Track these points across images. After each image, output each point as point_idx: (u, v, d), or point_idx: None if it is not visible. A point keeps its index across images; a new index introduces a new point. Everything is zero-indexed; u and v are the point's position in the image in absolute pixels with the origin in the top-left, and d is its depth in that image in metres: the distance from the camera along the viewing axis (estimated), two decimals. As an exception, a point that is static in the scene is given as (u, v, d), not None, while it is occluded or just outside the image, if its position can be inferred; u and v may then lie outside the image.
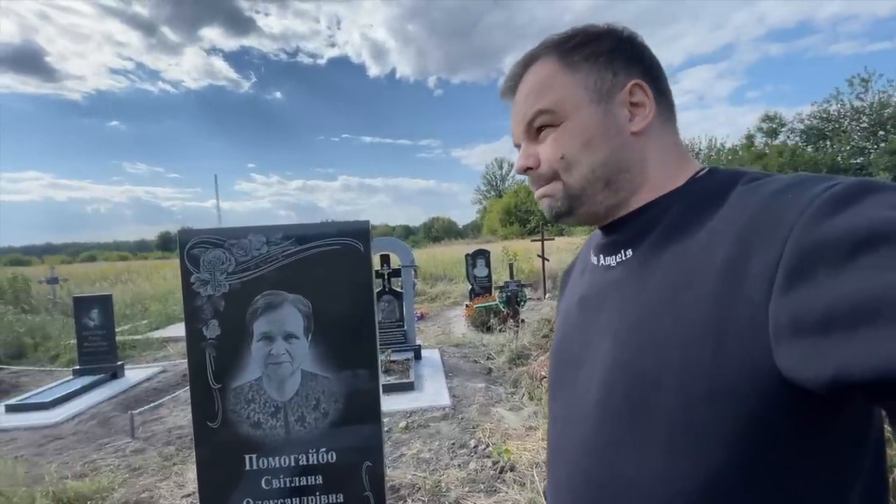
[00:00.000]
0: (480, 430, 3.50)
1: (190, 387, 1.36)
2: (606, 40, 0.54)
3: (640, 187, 0.54)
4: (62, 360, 6.79)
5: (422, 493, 2.66)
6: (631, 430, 0.45)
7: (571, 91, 0.53)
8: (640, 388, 0.44)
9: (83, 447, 3.77)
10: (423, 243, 45.00)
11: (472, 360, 5.55)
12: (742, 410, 0.38)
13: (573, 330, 0.59)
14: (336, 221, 1.37)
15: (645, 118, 0.52)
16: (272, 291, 1.36)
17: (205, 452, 1.37)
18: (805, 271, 0.34)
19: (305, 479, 1.38)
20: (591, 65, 0.53)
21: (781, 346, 0.35)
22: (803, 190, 0.38)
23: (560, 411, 0.58)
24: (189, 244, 1.32)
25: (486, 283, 9.23)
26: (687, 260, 0.44)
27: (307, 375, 1.38)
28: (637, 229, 0.52)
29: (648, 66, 0.54)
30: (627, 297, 0.49)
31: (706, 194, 0.48)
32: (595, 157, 0.53)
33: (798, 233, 0.35)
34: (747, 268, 0.38)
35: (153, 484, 3.04)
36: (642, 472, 0.44)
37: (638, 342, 0.46)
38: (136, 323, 8.92)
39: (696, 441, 0.40)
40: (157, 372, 5.95)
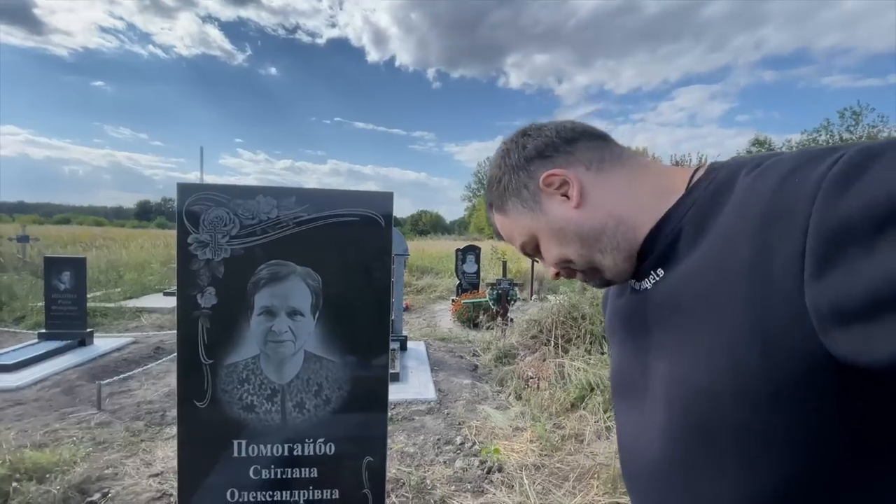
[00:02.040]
0: (466, 428, 3.41)
1: (177, 359, 1.21)
2: (502, 170, 0.61)
3: (632, 229, 0.55)
4: (28, 322, 6.47)
5: (406, 489, 2.55)
6: (701, 448, 0.44)
7: (520, 223, 0.62)
8: (701, 403, 0.43)
9: (45, 415, 3.55)
10: (410, 235, 44.68)
11: (458, 356, 5.46)
12: (807, 407, 0.36)
13: (627, 357, 0.59)
14: (357, 190, 1.23)
15: (574, 190, 0.56)
16: (279, 261, 1.21)
17: (188, 433, 1.22)
18: (834, 256, 0.33)
19: (299, 472, 1.25)
20: (512, 196, 0.61)
21: (830, 335, 0.34)
22: (808, 170, 0.37)
23: (627, 440, 0.57)
24: (189, 199, 1.17)
25: (474, 280, 9.15)
26: (709, 266, 0.44)
27: (311, 357, 1.24)
28: (660, 249, 0.52)
29: (542, 149, 0.58)
30: (668, 315, 0.50)
31: (711, 195, 0.47)
32: (573, 247, 0.59)
33: (817, 218, 0.34)
34: (772, 263, 0.37)
35: (118, 460, 2.85)
36: (721, 490, 0.42)
37: (688, 358, 0.45)
38: (109, 290, 8.57)
39: (768, 448, 0.39)
40: (129, 342, 5.70)
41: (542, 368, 4.34)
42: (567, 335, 4.87)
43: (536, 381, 4.16)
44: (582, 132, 0.59)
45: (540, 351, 4.81)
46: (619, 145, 0.59)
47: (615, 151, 0.58)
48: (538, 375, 4.25)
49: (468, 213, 66.38)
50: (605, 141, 0.59)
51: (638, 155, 0.58)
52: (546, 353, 4.64)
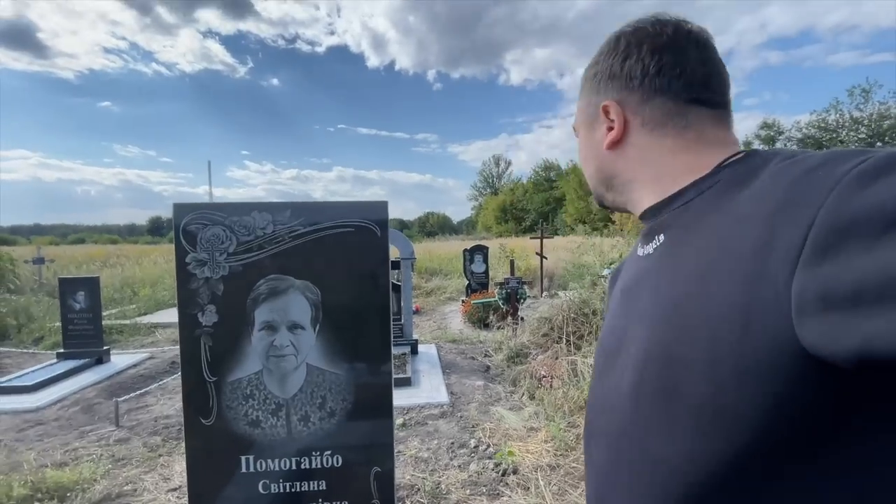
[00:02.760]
0: (480, 430, 3.39)
1: (182, 378, 1.22)
2: (601, 58, 0.60)
3: (641, 187, 0.58)
4: (46, 342, 6.59)
5: (421, 495, 2.55)
6: (661, 411, 0.45)
7: (578, 114, 0.65)
8: (672, 370, 0.44)
9: (65, 434, 3.61)
10: (418, 238, 44.79)
11: (470, 357, 5.44)
12: (769, 389, 0.37)
13: (614, 319, 0.60)
14: (351, 201, 1.23)
15: (612, 135, 0.58)
16: (277, 276, 1.22)
17: (196, 451, 1.23)
18: (834, 247, 0.34)
19: (307, 485, 1.25)
20: (588, 89, 0.62)
21: (806, 321, 0.34)
22: (834, 166, 0.38)
23: (598, 398, 0.59)
24: (185, 219, 1.18)
25: (483, 279, 9.12)
26: (717, 242, 0.44)
27: (313, 370, 1.24)
28: (668, 215, 0.53)
29: (630, 76, 0.56)
30: (660, 282, 0.50)
31: (739, 176, 0.47)
32: (588, 171, 0.65)
33: (827, 209, 0.35)
34: (774, 245, 0.38)
35: (137, 476, 2.89)
36: (671, 453, 0.44)
37: (669, 325, 0.46)
38: (124, 307, 8.70)
39: (725, 421, 0.40)
40: (145, 358, 5.78)
41: (555, 367, 4.31)
42: (579, 332, 4.82)
43: (549, 380, 4.13)
44: (678, 89, 0.54)
45: (552, 349, 4.77)
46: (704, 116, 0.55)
47: (685, 121, 0.54)
48: (551, 374, 4.21)
49: (475, 213, 66.27)
50: (689, 106, 0.54)
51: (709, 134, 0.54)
52: (558, 351, 4.60)
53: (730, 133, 0.56)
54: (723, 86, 0.56)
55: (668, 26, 0.55)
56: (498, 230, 46.19)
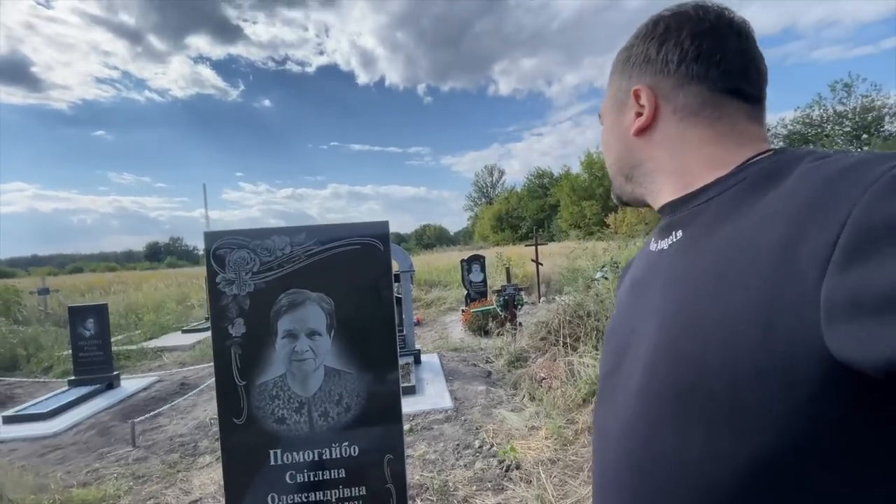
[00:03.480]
0: (484, 431, 3.54)
1: (216, 384, 1.40)
2: (637, 42, 0.58)
3: (664, 178, 0.57)
4: (55, 371, 6.70)
5: (430, 493, 2.70)
6: (673, 411, 0.44)
7: (608, 98, 0.63)
8: (684, 370, 0.43)
9: (84, 457, 3.74)
10: (416, 250, 45.02)
11: (472, 364, 5.59)
12: (790, 392, 0.36)
13: (623, 314, 0.59)
14: (356, 222, 1.42)
15: (641, 122, 0.56)
16: (295, 290, 1.40)
17: (230, 448, 1.40)
18: (867, 250, 0.33)
19: (328, 473, 1.43)
20: (619, 72, 0.61)
21: (834, 327, 0.33)
22: (868, 167, 0.37)
23: (604, 396, 0.58)
24: (215, 245, 1.37)
25: (481, 288, 9.29)
26: (738, 240, 0.43)
27: (330, 371, 1.42)
28: (689, 211, 0.52)
29: (666, 61, 0.54)
30: (676, 279, 0.49)
31: (766, 175, 0.46)
32: (609, 158, 0.64)
33: (860, 211, 0.34)
34: (802, 246, 0.37)
35: (159, 491, 3.03)
36: (683, 453, 0.43)
37: (684, 323, 0.45)
38: (129, 333, 8.83)
39: (742, 421, 0.39)
40: (154, 382, 5.90)
41: (553, 368, 4.47)
42: (575, 334, 5.00)
43: (549, 381, 4.29)
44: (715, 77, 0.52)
45: (550, 352, 4.94)
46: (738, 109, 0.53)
47: (719, 112, 0.53)
48: (550, 375, 4.38)
49: (471, 223, 66.69)
50: (725, 97, 0.53)
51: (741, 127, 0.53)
52: (556, 353, 4.77)
53: (762, 129, 0.54)
54: (760, 80, 0.54)
55: (710, 13, 0.54)
56: (495, 239, 46.53)
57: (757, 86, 0.54)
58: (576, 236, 17.69)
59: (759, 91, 0.54)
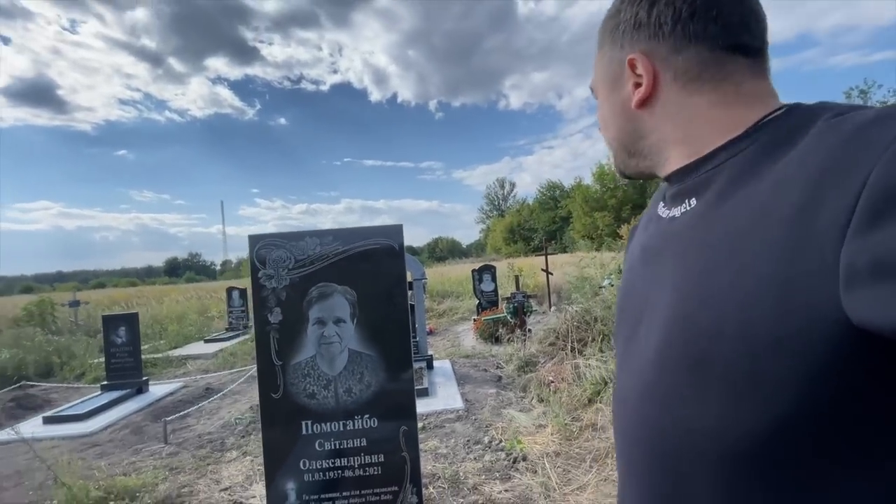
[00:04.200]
0: (493, 429, 3.73)
1: (257, 364, 1.65)
2: (621, 6, 0.55)
3: (670, 148, 0.54)
4: (87, 377, 7.06)
5: (442, 481, 2.89)
6: (691, 378, 0.44)
7: (598, 73, 0.60)
8: (701, 339, 0.43)
9: (121, 452, 4.02)
10: (428, 263, 45.34)
11: (483, 370, 5.78)
12: (807, 359, 0.36)
13: (635, 282, 0.58)
14: (375, 226, 1.68)
15: (641, 92, 0.53)
16: (324, 283, 1.66)
17: (269, 419, 1.65)
18: (886, 214, 0.32)
19: (352, 442, 1.66)
20: (609, 42, 0.57)
21: (855, 292, 0.33)
22: (886, 127, 0.35)
23: (623, 363, 0.58)
24: (258, 246, 1.64)
25: (492, 298, 9.48)
26: (754, 206, 0.42)
27: (353, 353, 1.66)
28: (703, 177, 0.50)
29: (659, 24, 0.51)
30: (689, 248, 0.48)
31: (781, 135, 0.44)
32: (610, 133, 0.60)
33: (878, 174, 0.33)
34: (820, 210, 0.36)
35: (192, 480, 3.28)
36: (703, 418, 0.43)
37: (699, 293, 0.44)
38: (155, 343, 9.21)
39: (760, 387, 0.38)
40: (180, 387, 6.21)
41: (560, 371, 4.64)
42: (582, 338, 5.16)
43: (556, 383, 4.46)
44: (714, 34, 0.49)
45: (558, 356, 5.11)
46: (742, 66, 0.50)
47: (722, 72, 0.50)
48: (557, 378, 4.55)
49: (484, 235, 67.03)
50: (726, 55, 0.49)
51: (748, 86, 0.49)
52: (564, 358, 4.94)
53: (768, 84, 0.51)
54: (762, 28, 0.50)
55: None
56: (507, 251, 46.68)
57: (759, 37, 0.50)
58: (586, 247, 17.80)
59: (761, 42, 0.50)
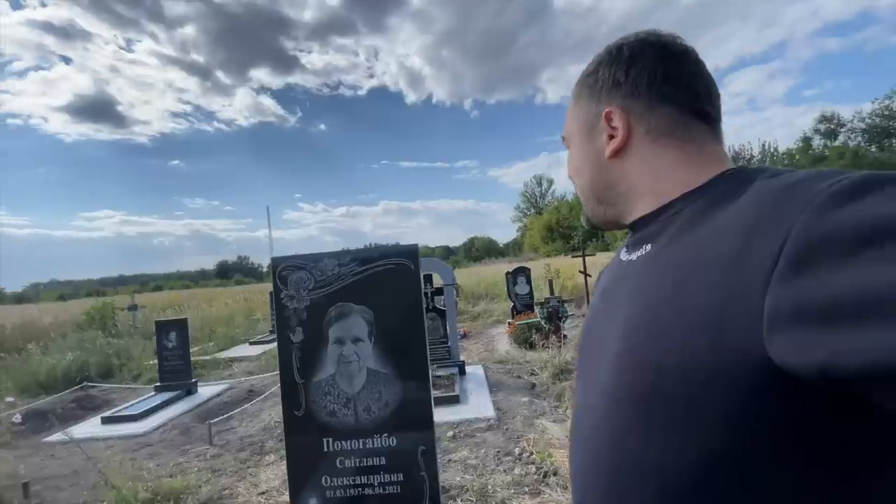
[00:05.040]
0: (525, 440, 3.66)
1: (280, 381, 1.69)
2: (601, 67, 0.60)
3: (636, 198, 0.59)
4: (143, 378, 7.55)
5: (470, 494, 2.87)
6: (636, 414, 0.47)
7: (572, 123, 0.65)
8: (645, 374, 0.46)
9: (170, 452, 4.27)
10: (464, 263, 45.28)
11: (516, 376, 5.70)
12: (735, 397, 0.38)
13: (592, 320, 0.62)
14: (391, 246, 1.68)
15: (615, 143, 0.58)
16: (343, 304, 1.68)
17: (292, 436, 1.69)
18: (807, 262, 0.35)
19: (372, 460, 1.67)
20: (586, 97, 0.62)
21: (775, 334, 0.35)
22: (812, 183, 0.39)
23: (578, 399, 0.61)
24: (280, 267, 1.68)
25: (527, 301, 9.34)
26: (696, 251, 0.46)
27: (371, 372, 1.68)
28: (657, 226, 0.55)
29: (636, 84, 0.57)
30: (639, 286, 0.52)
31: (726, 191, 0.49)
32: (582, 181, 0.65)
33: (801, 225, 0.36)
34: (749, 257, 0.39)
35: (232, 483, 3.43)
36: (646, 454, 0.45)
37: (644, 330, 0.48)
38: (204, 345, 9.72)
39: (696, 424, 0.41)
40: (226, 389, 6.51)
41: (596, 380, 4.50)
42: (619, 346, 4.99)
43: (591, 392, 4.33)
44: (683, 99, 0.56)
45: (594, 363, 4.96)
46: (704, 130, 0.56)
47: (688, 133, 0.56)
48: (592, 387, 4.41)
49: (521, 234, 66.17)
50: (694, 121, 0.56)
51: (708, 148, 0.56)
52: (599, 365, 4.79)
53: (723, 149, 0.57)
54: (717, 101, 0.58)
55: (666, 39, 0.57)
56: (546, 250, 45.80)
57: (716, 107, 0.58)
58: (626, 245, 17.14)
59: (717, 112, 0.58)
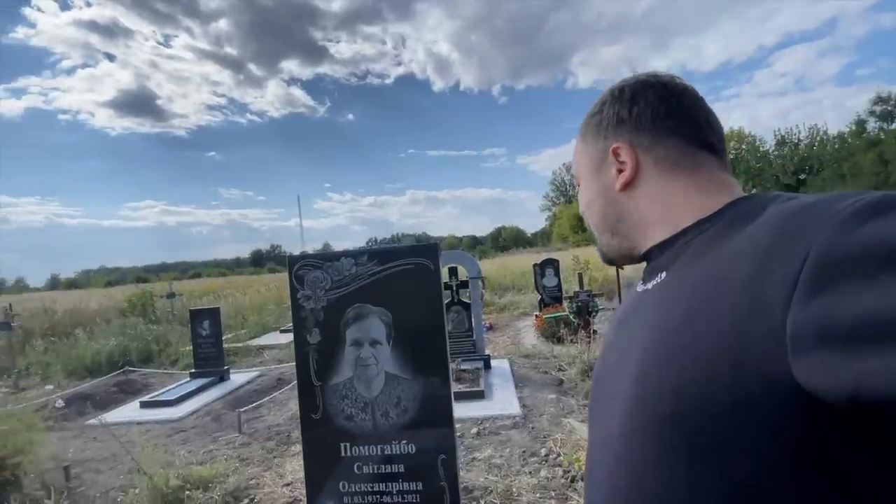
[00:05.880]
0: (551, 440, 3.55)
1: (297, 384, 1.65)
2: (605, 106, 0.63)
3: (649, 229, 0.59)
4: (180, 364, 7.84)
5: (494, 496, 2.80)
6: (655, 445, 0.45)
7: (580, 162, 0.68)
8: (665, 403, 0.44)
9: (201, 439, 4.39)
10: (491, 253, 44.93)
11: (543, 371, 5.57)
12: (763, 424, 0.37)
13: (607, 352, 0.61)
14: (410, 245, 1.60)
15: (625, 177, 0.60)
16: (360, 305, 1.61)
17: (309, 440, 1.64)
18: (829, 282, 0.34)
19: (390, 467, 1.61)
20: (592, 135, 0.65)
21: (801, 357, 0.34)
22: (830, 204, 0.39)
23: (593, 432, 0.59)
24: (296, 267, 1.63)
25: (555, 293, 9.13)
26: (712, 275, 0.45)
27: (390, 377, 1.61)
28: (671, 254, 0.55)
29: (640, 120, 0.59)
30: (655, 313, 0.51)
31: (741, 216, 0.49)
32: (594, 216, 0.66)
33: (821, 244, 0.36)
34: (768, 279, 0.38)
35: (258, 473, 3.48)
36: (668, 488, 0.43)
37: (661, 357, 0.46)
38: (237, 332, 10.02)
39: (721, 454, 0.40)
40: (256, 376, 6.67)
41: (627, 379, 4.33)
42: (652, 343, 4.78)
43: (622, 391, 4.17)
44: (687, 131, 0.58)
45: (625, 361, 4.78)
46: (711, 160, 0.58)
47: (696, 162, 0.57)
48: (623, 386, 4.25)
49: (549, 223, 65.08)
50: (700, 150, 0.58)
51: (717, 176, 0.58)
52: (631, 363, 4.61)
53: (731, 176, 0.58)
54: (721, 132, 0.60)
55: (665, 79, 0.60)
56: (575, 239, 44.78)
57: (719, 138, 0.59)
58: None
59: (721, 143, 0.59)
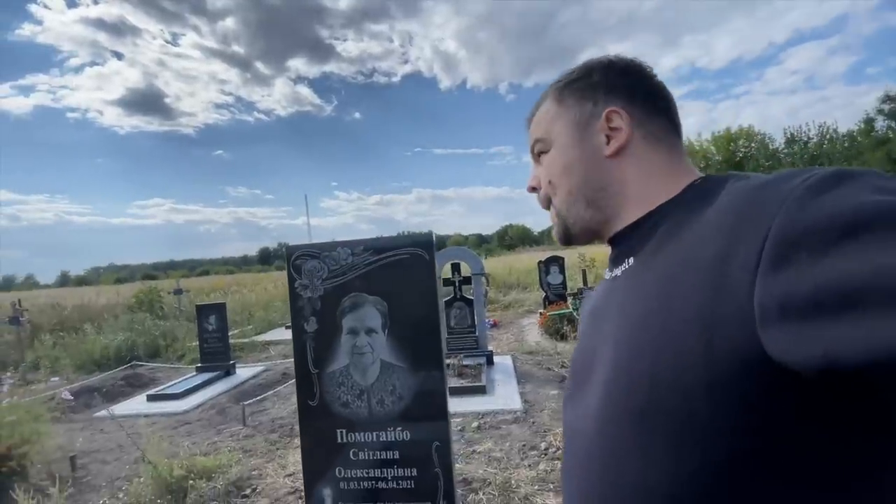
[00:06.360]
0: (551, 435, 3.57)
1: (295, 371, 1.68)
2: (595, 73, 0.61)
3: (626, 203, 0.58)
4: (186, 359, 7.94)
5: (492, 488, 2.82)
6: (633, 432, 0.45)
7: (558, 122, 0.62)
8: (640, 388, 0.44)
9: (206, 431, 4.45)
10: (497, 251, 44.86)
11: (546, 368, 5.57)
12: (739, 400, 0.38)
13: (582, 342, 0.61)
14: (405, 235, 1.62)
15: (619, 142, 0.58)
16: (356, 294, 1.64)
17: (307, 426, 1.67)
18: (789, 256, 0.35)
19: (386, 454, 1.63)
20: (577, 98, 0.61)
21: (769, 331, 0.35)
22: (783, 181, 0.40)
23: (569, 423, 0.59)
24: (294, 256, 1.65)
25: (560, 291, 9.11)
26: (679, 258, 0.46)
27: (385, 364, 1.63)
28: (637, 239, 0.55)
29: (633, 92, 0.59)
30: (626, 301, 0.52)
31: (700, 197, 0.50)
32: (572, 180, 0.61)
33: (780, 220, 0.37)
34: (733, 257, 0.39)
35: (261, 464, 3.53)
36: (648, 475, 0.43)
37: (635, 343, 0.47)
38: (243, 328, 10.11)
39: (700, 435, 0.40)
40: (262, 371, 6.74)
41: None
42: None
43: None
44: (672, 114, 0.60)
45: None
46: (680, 144, 0.61)
47: (672, 143, 0.59)
48: (625, 382, 4.25)
49: (556, 223, 64.31)
50: (675, 133, 0.60)
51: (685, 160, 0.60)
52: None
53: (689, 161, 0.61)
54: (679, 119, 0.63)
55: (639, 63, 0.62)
56: (580, 239, 44.23)
57: (680, 124, 0.62)
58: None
59: (680, 129, 0.63)
